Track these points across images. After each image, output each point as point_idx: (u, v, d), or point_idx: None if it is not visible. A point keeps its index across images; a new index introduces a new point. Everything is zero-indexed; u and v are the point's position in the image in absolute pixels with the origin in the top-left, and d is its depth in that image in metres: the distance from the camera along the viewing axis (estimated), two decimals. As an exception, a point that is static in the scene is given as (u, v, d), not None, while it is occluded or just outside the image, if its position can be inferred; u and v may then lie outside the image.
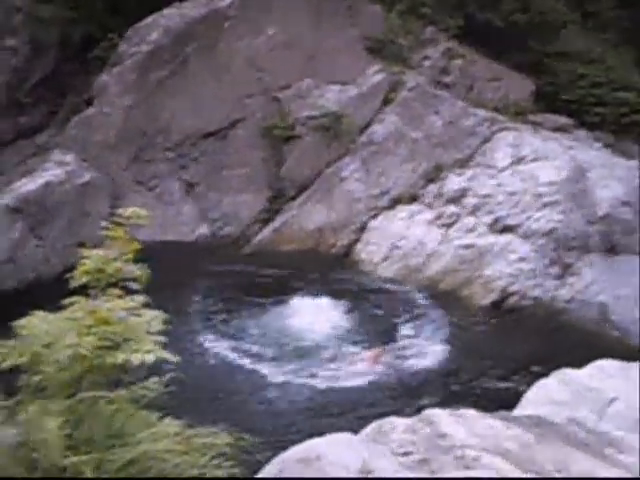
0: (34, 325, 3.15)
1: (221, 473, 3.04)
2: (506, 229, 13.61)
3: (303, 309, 11.84)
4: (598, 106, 16.82)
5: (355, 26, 15.85)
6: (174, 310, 3.59)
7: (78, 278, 3.29)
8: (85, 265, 3.28)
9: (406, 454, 4.25)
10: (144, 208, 3.53)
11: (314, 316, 11.64)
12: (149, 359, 2.98)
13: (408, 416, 4.73)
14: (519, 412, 5.34)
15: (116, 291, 3.30)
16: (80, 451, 2.78)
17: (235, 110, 14.89)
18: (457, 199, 14.32)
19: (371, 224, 14.49)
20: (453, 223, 14.00)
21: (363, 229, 14.50)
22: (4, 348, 3.08)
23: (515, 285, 12.90)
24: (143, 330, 3.16)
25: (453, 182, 14.63)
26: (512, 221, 13.65)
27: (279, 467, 4.08)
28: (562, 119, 16.69)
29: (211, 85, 14.72)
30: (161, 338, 3.16)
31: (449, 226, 13.99)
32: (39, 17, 14.18)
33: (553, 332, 12.24)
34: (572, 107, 16.84)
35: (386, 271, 13.69)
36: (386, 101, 15.46)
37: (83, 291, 3.28)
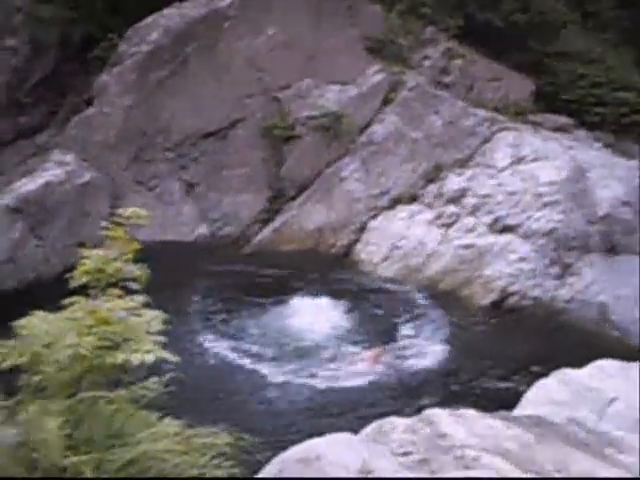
0: (34, 325, 3.15)
1: (221, 473, 3.04)
2: (506, 229, 13.61)
3: (303, 309, 11.84)
4: (598, 106, 16.82)
5: (355, 26, 15.85)
6: (174, 310, 3.59)
7: (78, 278, 3.29)
8: (85, 265, 3.28)
9: (406, 454, 4.25)
10: (144, 208, 3.53)
11: (314, 316, 11.64)
12: (149, 359, 2.98)
13: (408, 416, 4.73)
14: (519, 412, 5.34)
15: (116, 291, 3.30)
16: (80, 451, 2.78)
17: (235, 110, 14.89)
18: (457, 199, 14.32)
19: (371, 224, 14.49)
20: (453, 223, 14.00)
21: (363, 229, 14.50)
22: (4, 348, 3.08)
23: (515, 285, 12.90)
24: (143, 330, 3.16)
25: (453, 182, 14.63)
26: (512, 221, 13.65)
27: (279, 467, 4.08)
28: (562, 119, 16.69)
29: (211, 85, 14.71)
30: (161, 338, 3.16)
31: (449, 226, 13.98)
32: (39, 17, 14.18)
33: (553, 332, 12.24)
34: (572, 107, 16.85)
35: (386, 271, 13.69)
36: (386, 101, 15.46)
37: (83, 291, 3.28)
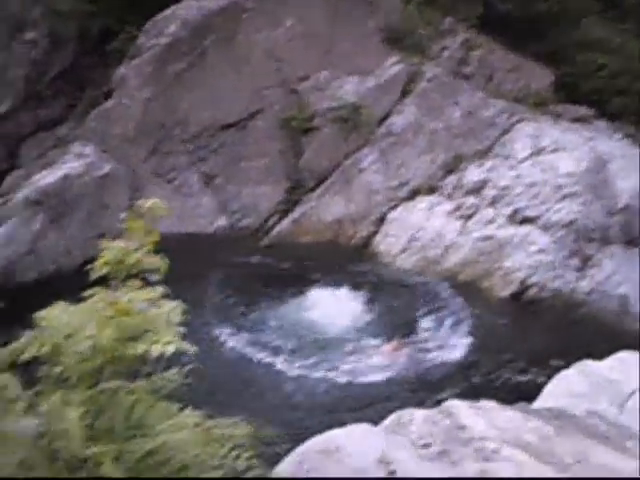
0: (55, 316, 3.17)
1: (240, 464, 3.04)
2: (525, 220, 13.54)
3: (322, 301, 11.83)
4: (618, 96, 16.67)
5: (373, 17, 15.80)
6: (192, 302, 3.59)
7: (98, 269, 3.29)
8: (105, 256, 3.29)
9: (425, 446, 4.25)
10: (163, 200, 3.52)
11: (333, 308, 11.63)
12: (169, 350, 2.98)
13: (428, 408, 4.73)
14: (539, 404, 5.33)
15: (136, 282, 3.31)
16: (101, 441, 2.79)
17: (253, 102, 14.89)
18: (476, 190, 14.26)
19: (390, 215, 14.46)
20: (472, 214, 13.94)
21: (382, 220, 14.47)
22: (25, 339, 3.10)
23: (535, 277, 12.84)
24: (163, 321, 3.17)
25: (472, 173, 14.56)
26: (532, 212, 13.57)
27: (299, 458, 4.10)
28: (582, 109, 16.57)
29: (229, 77, 14.72)
30: (180, 329, 3.16)
31: (468, 217, 13.93)
32: (58, 10, 14.23)
33: (573, 324, 12.18)
34: (592, 97, 16.70)
35: (405, 262, 13.66)
36: (405, 92, 15.40)
37: (103, 282, 3.29)
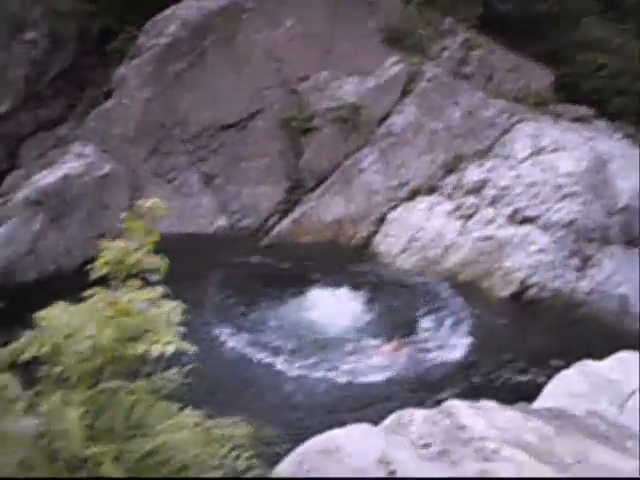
0: (54, 316, 3.16)
1: (240, 464, 3.04)
2: (525, 220, 13.54)
3: (322, 301, 11.82)
4: (619, 96, 16.66)
5: (373, 17, 15.80)
6: (192, 302, 3.58)
7: (98, 269, 3.29)
8: (105, 256, 3.29)
9: (425, 446, 4.25)
10: (163, 200, 3.52)
11: (333, 308, 11.63)
12: (169, 350, 2.98)
13: (428, 408, 4.73)
14: (539, 404, 5.32)
15: (136, 282, 3.31)
16: (101, 441, 2.79)
17: (253, 102, 14.89)
18: (476, 190, 14.25)
19: (390, 216, 14.46)
20: (472, 214, 13.93)
21: (382, 221, 14.46)
22: (25, 339, 3.10)
23: (535, 277, 12.84)
24: (163, 321, 3.17)
25: (472, 173, 14.56)
26: (532, 212, 13.57)
27: (299, 458, 4.09)
28: (582, 109, 16.56)
29: (229, 77, 14.72)
30: (181, 329, 3.16)
31: (468, 217, 13.93)
32: (58, 10, 14.22)
33: (573, 324, 12.18)
34: (592, 97, 16.70)
35: (405, 263, 13.66)
36: (405, 92, 15.40)
37: (103, 282, 3.29)
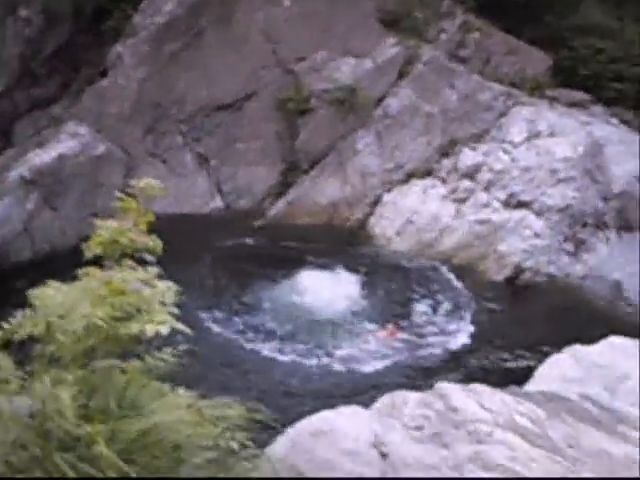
0: (48, 295, 3.15)
1: (234, 444, 3.04)
2: (521, 205, 13.54)
3: (316, 283, 11.81)
4: (616, 81, 16.60)
5: (371, -2, 15.71)
6: (186, 283, 3.57)
7: (92, 249, 3.28)
8: (99, 236, 3.27)
9: (418, 428, 4.27)
10: (158, 180, 3.51)
11: (327, 291, 11.63)
12: (164, 330, 2.97)
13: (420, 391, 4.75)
14: (531, 388, 5.34)
15: (130, 262, 3.30)
16: (94, 421, 2.79)
17: (250, 82, 14.81)
18: (472, 174, 14.24)
19: (385, 198, 14.44)
20: (467, 198, 13.93)
21: (377, 203, 14.45)
22: (19, 318, 3.09)
23: (529, 261, 12.86)
24: (157, 301, 3.16)
25: (468, 157, 14.53)
26: (527, 197, 13.57)
27: (291, 440, 4.10)
28: (579, 94, 16.49)
29: (226, 57, 14.63)
30: (174, 310, 3.15)
31: (463, 201, 13.92)
32: (52, -13, 14.13)
33: (566, 308, 12.21)
34: (589, 82, 16.64)
35: (399, 245, 13.67)
36: (401, 74, 15.33)
37: (98, 262, 3.28)
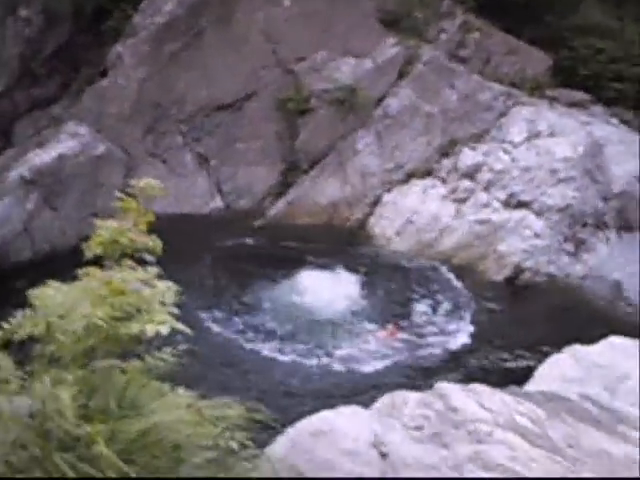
0: (48, 295, 3.15)
1: (234, 444, 3.04)
2: (520, 205, 13.53)
3: (316, 284, 11.79)
4: (616, 81, 16.59)
5: (371, -2, 15.70)
6: (186, 283, 3.57)
7: (92, 249, 3.28)
8: (99, 236, 3.27)
9: (418, 428, 4.27)
10: (158, 180, 3.51)
11: (327, 291, 11.61)
12: (164, 330, 2.97)
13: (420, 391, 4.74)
14: (531, 388, 5.34)
15: (130, 262, 3.30)
16: (94, 421, 2.79)
17: (250, 82, 14.80)
18: (472, 174, 14.23)
19: (385, 198, 14.43)
20: (467, 198, 13.92)
21: (377, 203, 14.44)
22: (19, 318, 3.09)
23: (529, 261, 12.86)
24: (157, 301, 3.16)
25: (468, 157, 14.53)
26: (527, 197, 13.57)
27: (291, 440, 4.10)
28: (579, 94, 16.49)
29: (226, 57, 14.62)
30: (174, 310, 3.15)
31: (463, 201, 13.92)
32: (51, -13, 14.12)
33: (566, 308, 12.21)
34: (590, 82, 16.63)
35: (399, 245, 13.66)
36: (401, 74, 15.32)
37: (98, 262, 3.28)
